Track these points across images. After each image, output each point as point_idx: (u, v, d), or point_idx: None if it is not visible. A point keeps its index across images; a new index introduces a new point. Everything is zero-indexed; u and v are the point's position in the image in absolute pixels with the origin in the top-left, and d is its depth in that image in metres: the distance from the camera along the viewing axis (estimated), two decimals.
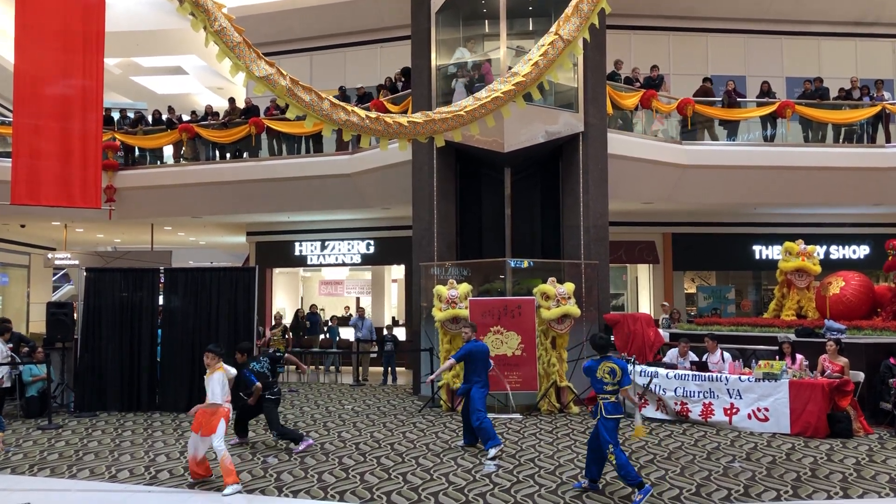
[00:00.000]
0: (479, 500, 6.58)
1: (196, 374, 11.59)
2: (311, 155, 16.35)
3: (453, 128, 8.70)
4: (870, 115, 15.48)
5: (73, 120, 11.78)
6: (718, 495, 6.70)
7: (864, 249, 18.22)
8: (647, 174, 14.74)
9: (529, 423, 10.42)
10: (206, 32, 7.21)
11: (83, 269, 12.39)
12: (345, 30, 18.22)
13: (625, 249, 17.72)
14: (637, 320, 12.37)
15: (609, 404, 6.71)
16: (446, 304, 11.59)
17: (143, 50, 21.39)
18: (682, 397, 10.27)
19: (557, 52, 8.87)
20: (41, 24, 11.46)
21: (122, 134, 17.18)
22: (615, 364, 6.75)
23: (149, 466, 7.97)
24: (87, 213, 15.11)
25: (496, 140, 12.60)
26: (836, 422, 9.22)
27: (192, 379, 11.41)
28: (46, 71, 11.58)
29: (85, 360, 11.77)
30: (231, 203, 16.82)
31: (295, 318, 18.45)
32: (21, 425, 10.56)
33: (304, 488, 7.01)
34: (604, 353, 6.89)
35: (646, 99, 14.82)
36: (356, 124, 8.08)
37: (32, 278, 22.82)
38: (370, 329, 16.34)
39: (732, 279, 19.14)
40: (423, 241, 13.44)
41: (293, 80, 7.62)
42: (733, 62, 17.81)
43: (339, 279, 22.33)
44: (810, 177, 15.08)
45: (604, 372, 6.73)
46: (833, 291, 11.97)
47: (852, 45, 18.10)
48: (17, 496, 6.85)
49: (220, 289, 11.90)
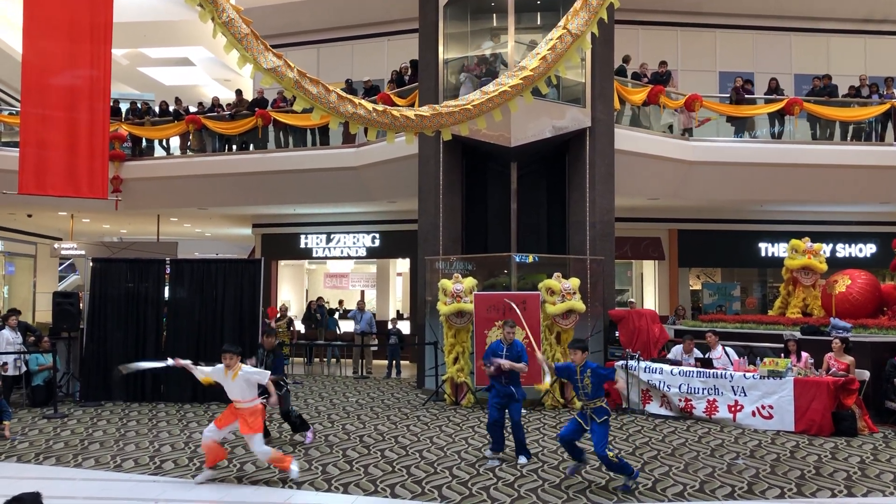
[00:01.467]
0: (483, 493, 6.59)
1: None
2: (317, 148, 16.35)
3: (460, 121, 8.67)
4: (878, 112, 15.40)
5: (81, 110, 11.82)
6: (722, 492, 6.70)
7: (871, 248, 18.16)
8: (654, 170, 14.70)
9: (534, 418, 10.43)
10: (213, 24, 7.20)
11: (89, 260, 12.42)
12: (352, 22, 18.20)
13: (630, 245, 17.69)
14: (642, 316, 12.34)
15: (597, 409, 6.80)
16: (451, 299, 11.58)
17: (151, 41, 21.40)
18: (687, 394, 10.26)
19: (566, 46, 8.82)
20: (49, 14, 11.48)
21: (129, 125, 17.19)
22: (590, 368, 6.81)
23: (153, 456, 8.01)
24: (93, 204, 15.15)
25: (503, 134, 12.57)
26: (841, 420, 9.20)
27: None
28: (54, 61, 11.62)
29: (91, 349, 11.82)
30: (237, 195, 16.83)
31: (308, 310, 18.51)
32: (27, 414, 10.62)
33: (307, 480, 7.03)
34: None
35: (653, 94, 14.77)
36: (363, 117, 8.06)
37: (39, 268, 22.90)
38: (369, 322, 16.35)
39: (738, 276, 19.10)
40: (428, 235, 13.44)
41: (300, 72, 7.61)
42: (742, 58, 17.72)
43: (345, 272, 22.35)
44: (817, 174, 15.01)
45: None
46: (839, 290, 11.92)
47: (861, 42, 18.00)
48: (22, 484, 6.88)
49: (225, 280, 11.93)
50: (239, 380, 6.97)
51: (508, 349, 7.96)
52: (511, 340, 8.07)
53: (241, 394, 7.00)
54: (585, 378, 6.75)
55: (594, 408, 6.78)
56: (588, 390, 6.76)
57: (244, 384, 6.99)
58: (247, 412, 6.96)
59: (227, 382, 7.01)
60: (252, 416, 6.95)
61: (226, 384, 7.04)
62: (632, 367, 10.81)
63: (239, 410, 6.99)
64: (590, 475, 7.17)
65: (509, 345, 8.02)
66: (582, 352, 6.87)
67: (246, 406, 6.99)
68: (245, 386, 7.00)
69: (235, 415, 6.99)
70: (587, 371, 6.76)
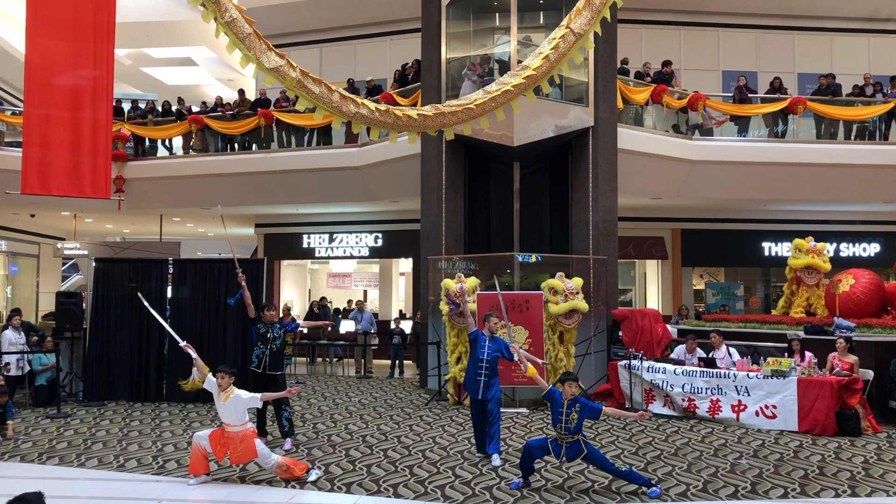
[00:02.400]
0: (486, 493, 6.58)
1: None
2: (319, 147, 16.35)
3: (463, 121, 8.66)
4: (882, 111, 15.34)
5: (84, 110, 11.81)
6: (725, 492, 6.68)
7: (875, 247, 18.11)
8: (657, 169, 14.68)
9: (536, 418, 10.42)
10: (216, 23, 7.19)
11: (92, 260, 12.43)
12: (355, 22, 18.19)
13: (633, 245, 17.67)
14: (645, 316, 12.32)
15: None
16: None
17: (154, 41, 21.40)
18: (690, 394, 10.24)
19: (568, 45, 8.81)
20: (52, 14, 11.48)
21: (131, 124, 17.21)
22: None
23: (156, 456, 8.01)
24: (96, 204, 15.16)
25: (506, 134, 12.56)
26: (845, 420, 9.17)
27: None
28: (57, 61, 11.61)
29: (94, 349, 11.84)
30: (240, 195, 16.84)
31: (310, 310, 18.51)
32: (30, 414, 10.63)
33: (309, 479, 7.02)
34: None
35: (656, 94, 14.75)
36: (366, 116, 8.05)
37: (42, 268, 22.92)
38: (370, 321, 16.35)
39: (741, 276, 19.07)
40: (431, 235, 13.44)
41: (303, 71, 7.60)
42: (745, 57, 17.68)
43: (347, 272, 22.35)
44: (821, 173, 14.97)
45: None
46: (843, 289, 11.89)
47: (865, 41, 17.95)
48: (25, 484, 6.88)
49: (228, 280, 11.92)
50: (231, 402, 6.84)
51: (491, 342, 7.98)
52: (495, 331, 8.10)
53: (231, 417, 6.85)
54: (573, 412, 6.49)
55: (570, 442, 6.52)
56: (572, 426, 6.49)
57: (235, 407, 6.85)
58: (237, 437, 6.80)
59: (219, 403, 6.92)
60: (243, 442, 6.77)
61: (217, 404, 6.96)
62: (635, 367, 10.79)
63: (229, 435, 6.83)
64: (593, 475, 7.16)
65: (491, 337, 8.02)
66: (575, 383, 6.65)
67: (237, 430, 6.83)
68: (236, 409, 6.85)
69: (226, 444, 6.80)
70: (576, 405, 6.50)
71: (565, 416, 6.52)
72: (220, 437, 6.86)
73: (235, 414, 6.86)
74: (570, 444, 6.53)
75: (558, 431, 6.61)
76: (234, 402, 6.85)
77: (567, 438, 6.55)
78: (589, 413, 6.58)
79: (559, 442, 6.60)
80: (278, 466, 6.83)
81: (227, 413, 6.88)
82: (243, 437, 6.81)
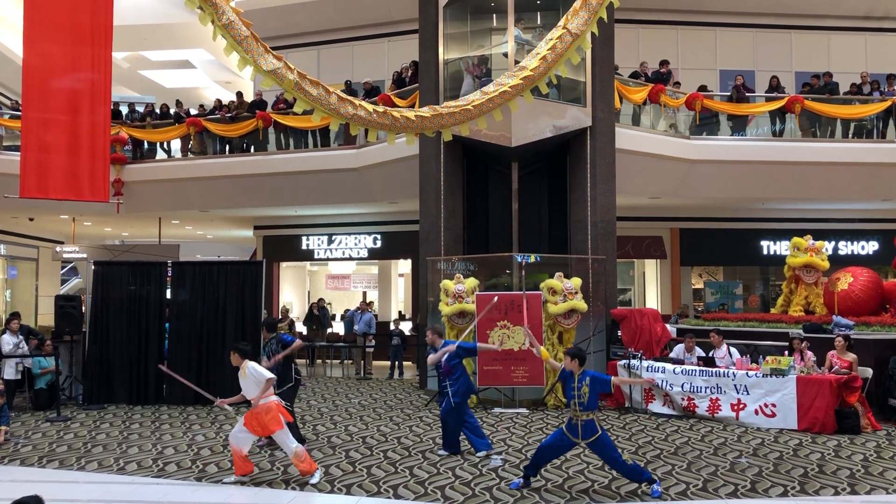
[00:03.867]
0: (486, 493, 6.59)
1: (203, 368, 11.66)
2: (317, 149, 16.35)
3: (461, 122, 8.66)
4: (879, 110, 15.35)
5: (82, 114, 11.81)
6: (725, 490, 6.69)
7: (873, 245, 18.12)
8: (655, 169, 14.69)
9: (536, 418, 10.43)
10: (213, 26, 7.19)
11: (91, 263, 12.44)
12: (352, 23, 18.18)
13: (632, 244, 17.67)
14: (644, 315, 12.34)
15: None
16: (453, 299, 11.58)
17: (152, 44, 21.41)
18: (689, 393, 10.25)
19: (566, 46, 8.80)
20: (50, 17, 11.47)
21: (130, 128, 17.20)
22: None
23: (157, 459, 8.02)
24: (95, 207, 15.16)
25: (504, 134, 12.57)
26: (844, 418, 9.18)
27: (200, 372, 11.47)
28: (55, 65, 11.61)
29: (93, 352, 11.84)
30: (238, 197, 16.84)
31: (309, 312, 18.50)
32: (30, 417, 10.64)
33: (311, 481, 7.03)
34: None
35: (654, 93, 14.76)
36: (363, 118, 8.05)
37: (41, 271, 22.91)
38: (368, 323, 16.33)
39: (740, 275, 19.07)
40: (429, 236, 13.44)
41: (301, 73, 7.61)
42: (742, 57, 17.69)
43: (346, 273, 22.35)
44: (819, 172, 14.99)
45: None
46: (841, 287, 11.91)
47: (862, 39, 17.95)
48: (26, 487, 6.89)
49: (227, 282, 11.94)
50: (249, 378, 7.10)
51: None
52: (434, 343, 8.75)
53: (253, 389, 7.09)
54: (584, 386, 6.54)
55: (585, 421, 6.56)
56: (585, 399, 6.52)
57: (253, 382, 7.08)
58: (263, 409, 7.00)
59: (242, 381, 7.19)
60: (267, 415, 6.97)
61: (241, 383, 7.20)
62: (634, 367, 10.80)
63: (256, 410, 7.04)
64: (593, 475, 7.17)
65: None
66: (572, 358, 6.68)
67: (263, 403, 7.05)
68: (254, 383, 7.07)
69: (257, 418, 7.02)
70: (586, 379, 6.58)
71: (577, 392, 6.59)
72: (251, 417, 7.06)
73: (256, 382, 7.06)
74: (585, 424, 6.57)
75: (573, 408, 6.66)
76: (252, 373, 7.09)
77: (582, 416, 6.57)
78: (600, 386, 6.66)
79: (574, 420, 6.63)
80: (296, 455, 6.98)
81: (249, 387, 7.11)
82: (268, 409, 7.02)
